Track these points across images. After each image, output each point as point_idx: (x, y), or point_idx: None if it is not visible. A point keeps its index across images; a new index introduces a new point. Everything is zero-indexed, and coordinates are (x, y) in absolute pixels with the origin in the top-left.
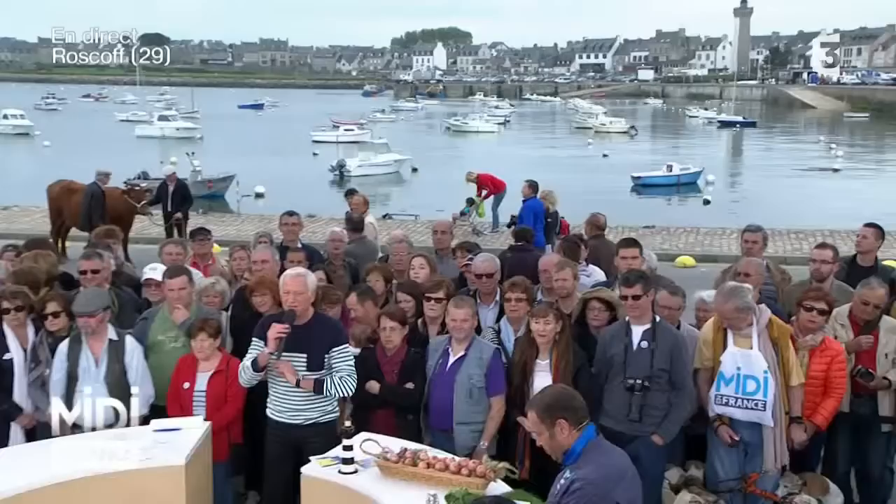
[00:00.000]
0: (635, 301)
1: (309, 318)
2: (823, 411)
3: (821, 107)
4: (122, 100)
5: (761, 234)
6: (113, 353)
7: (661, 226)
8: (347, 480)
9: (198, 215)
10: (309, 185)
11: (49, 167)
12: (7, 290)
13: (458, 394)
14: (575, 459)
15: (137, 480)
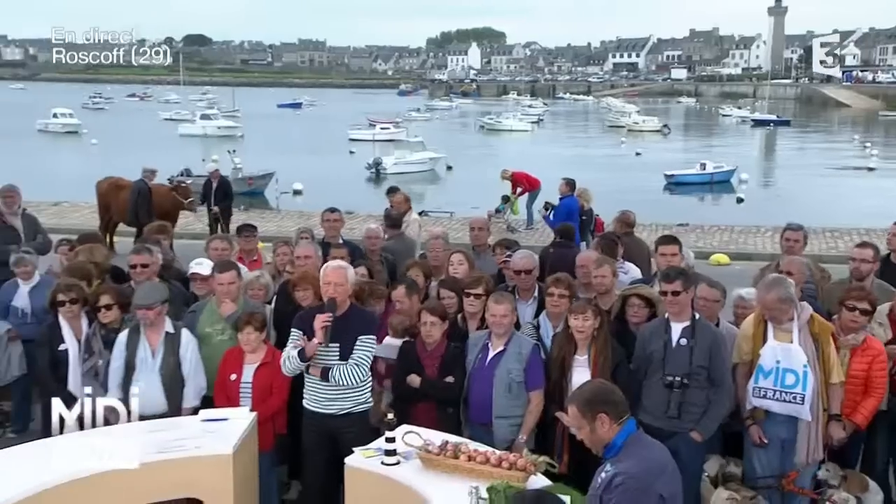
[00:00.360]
0: (675, 297)
1: (345, 309)
2: (864, 410)
3: (855, 105)
4: (165, 99)
5: (802, 232)
6: (169, 346)
7: (694, 224)
8: (390, 472)
9: (239, 212)
10: (346, 183)
11: (96, 164)
12: (62, 284)
13: (497, 388)
14: (616, 453)
15: (187, 468)
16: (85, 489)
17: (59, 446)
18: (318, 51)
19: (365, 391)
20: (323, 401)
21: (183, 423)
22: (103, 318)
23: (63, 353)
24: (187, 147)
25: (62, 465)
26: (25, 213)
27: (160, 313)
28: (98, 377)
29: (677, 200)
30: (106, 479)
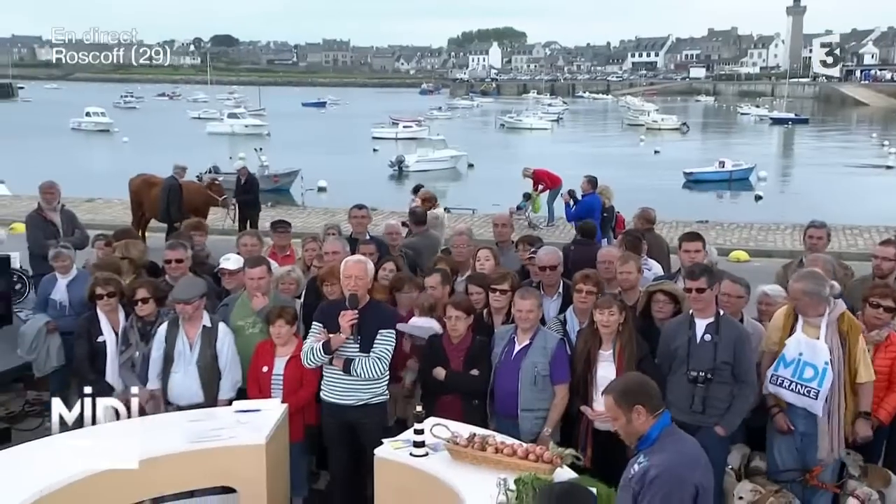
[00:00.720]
0: (699, 294)
1: (365, 303)
2: (887, 406)
3: (874, 104)
4: (193, 98)
5: (825, 230)
6: (206, 339)
7: (714, 221)
8: (419, 463)
9: (267, 208)
10: (369, 180)
11: (127, 162)
12: (100, 278)
13: (523, 381)
14: (650, 445)
15: (222, 458)
16: (128, 476)
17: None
18: (342, 51)
19: (382, 384)
20: (341, 392)
21: (218, 413)
22: (140, 311)
23: (101, 345)
24: (215, 145)
25: (107, 453)
26: (64, 209)
27: (198, 307)
28: (134, 368)
29: (696, 198)
30: (147, 466)
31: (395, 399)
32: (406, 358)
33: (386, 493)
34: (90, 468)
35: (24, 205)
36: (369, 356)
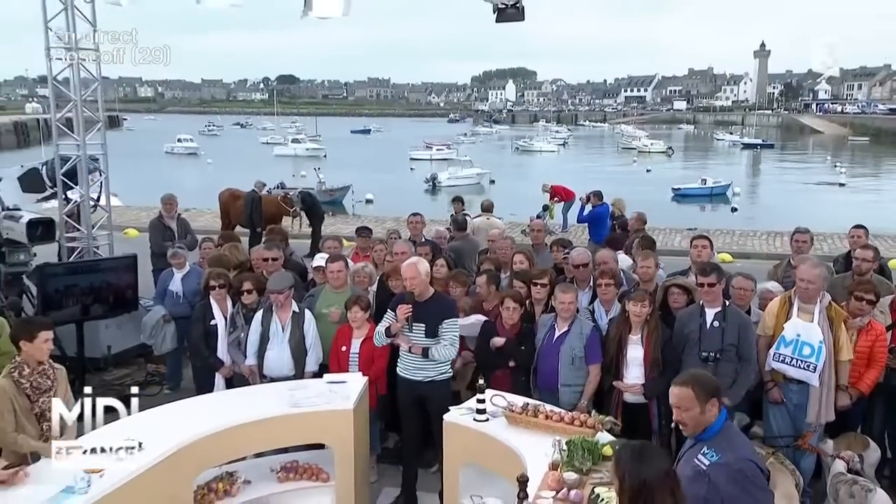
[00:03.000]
0: (710, 288)
1: (428, 296)
2: (867, 380)
3: (827, 132)
4: (262, 127)
5: (809, 235)
6: (295, 322)
7: (700, 228)
8: (480, 427)
9: (328, 217)
10: (408, 194)
11: (211, 179)
12: (213, 272)
13: (562, 361)
14: (712, 436)
15: (318, 420)
16: (245, 432)
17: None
18: (384, 87)
19: (447, 363)
20: (414, 370)
21: (311, 384)
22: (245, 299)
23: (213, 327)
24: (281, 165)
25: (225, 413)
26: (180, 217)
27: (288, 297)
28: (240, 346)
29: (683, 209)
30: (258, 426)
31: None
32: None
33: (454, 452)
34: (220, 424)
35: (133, 214)
36: (440, 342)
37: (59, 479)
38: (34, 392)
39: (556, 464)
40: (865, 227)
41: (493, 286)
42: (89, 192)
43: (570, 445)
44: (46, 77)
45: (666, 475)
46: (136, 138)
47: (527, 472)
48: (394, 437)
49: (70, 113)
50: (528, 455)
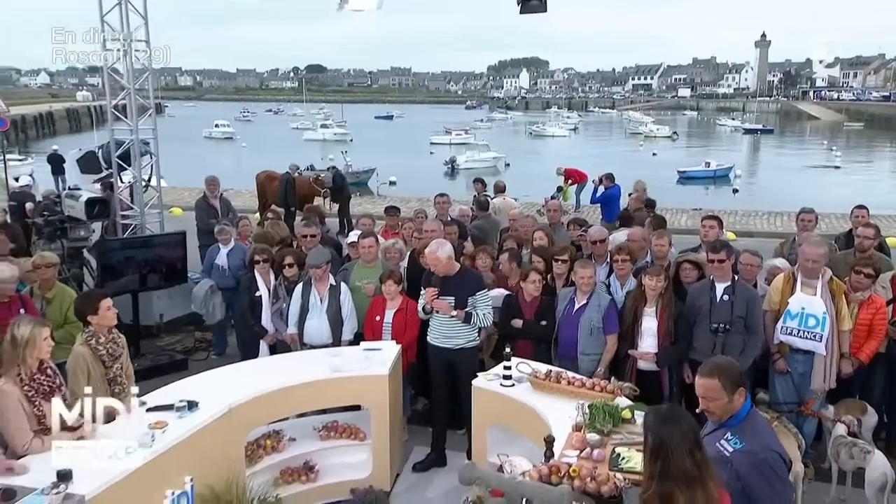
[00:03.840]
0: (720, 264)
1: (455, 272)
2: (867, 350)
3: (824, 118)
4: (293, 113)
5: (814, 214)
6: (332, 294)
7: (706, 209)
8: (507, 391)
9: (356, 197)
10: (428, 176)
11: (247, 162)
12: (258, 247)
13: (581, 332)
14: (737, 423)
15: (356, 384)
16: (290, 394)
17: (270, 365)
18: (405, 76)
19: (474, 331)
20: (443, 338)
21: (349, 351)
22: (287, 272)
23: (258, 298)
24: (310, 149)
25: (271, 377)
26: (222, 197)
27: (326, 271)
28: (282, 316)
29: (688, 190)
30: (301, 388)
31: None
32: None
33: (482, 414)
34: (266, 387)
35: (177, 194)
36: (479, 310)
37: (127, 434)
38: (109, 358)
39: (579, 426)
40: (867, 206)
41: (515, 263)
42: (141, 174)
43: (592, 409)
44: (96, 67)
45: (684, 437)
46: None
47: (551, 433)
48: (422, 401)
49: (123, 100)
50: (551, 417)
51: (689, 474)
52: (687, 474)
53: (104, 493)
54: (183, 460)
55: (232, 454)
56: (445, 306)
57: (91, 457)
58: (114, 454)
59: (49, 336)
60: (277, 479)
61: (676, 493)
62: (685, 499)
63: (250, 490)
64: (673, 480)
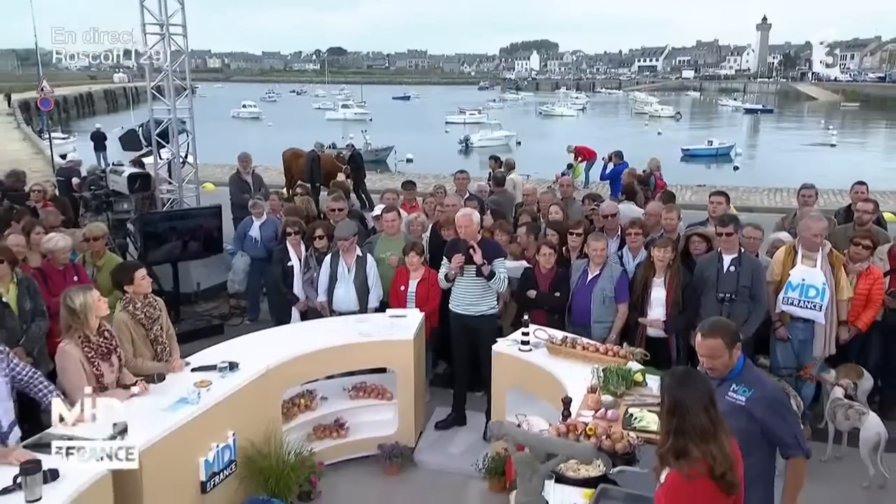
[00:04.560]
0: (728, 237)
1: (477, 241)
2: (865, 318)
3: (821, 98)
4: (315, 94)
5: (814, 190)
6: (359, 265)
7: (709, 185)
8: (525, 356)
9: (376, 174)
10: (443, 154)
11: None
12: (289, 220)
13: (594, 301)
14: (737, 374)
15: (383, 348)
16: (322, 357)
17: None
18: (421, 58)
19: (493, 300)
20: (465, 305)
21: (375, 318)
22: (317, 244)
23: (290, 268)
24: (332, 128)
25: (304, 341)
26: (254, 172)
27: (353, 242)
28: (312, 284)
29: (691, 167)
30: (332, 351)
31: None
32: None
33: (501, 377)
34: (300, 350)
35: (209, 170)
36: (500, 274)
37: (176, 392)
38: (148, 321)
39: (594, 388)
40: (866, 183)
41: (532, 236)
42: (179, 151)
43: (606, 372)
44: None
45: (699, 396)
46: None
47: (568, 394)
48: (443, 365)
49: (162, 82)
50: (567, 380)
51: (704, 429)
52: (702, 429)
53: (156, 445)
54: (226, 416)
55: (269, 411)
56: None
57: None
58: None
59: (100, 296)
60: (311, 434)
61: (691, 446)
62: (700, 452)
63: (286, 444)
64: (688, 436)
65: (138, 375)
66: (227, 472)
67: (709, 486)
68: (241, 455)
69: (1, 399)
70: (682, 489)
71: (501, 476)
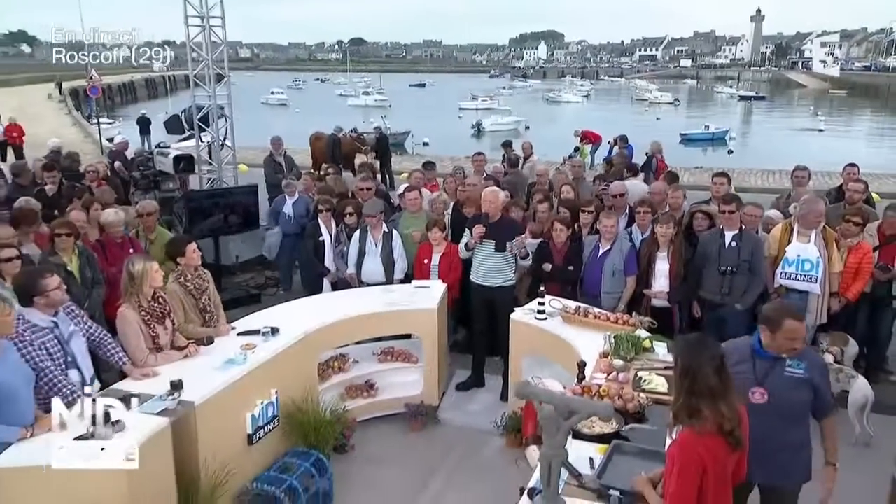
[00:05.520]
0: (731, 214)
1: (497, 218)
2: (854, 289)
3: (811, 86)
4: (338, 82)
5: (807, 171)
6: (385, 240)
7: (706, 167)
8: (541, 324)
9: (395, 157)
10: (457, 138)
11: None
12: (321, 198)
13: (605, 273)
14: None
15: (409, 316)
16: (354, 323)
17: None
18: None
19: (511, 272)
20: (484, 277)
21: (401, 288)
22: (347, 220)
23: (321, 243)
24: (354, 113)
25: (336, 310)
26: (286, 154)
27: (380, 219)
28: (343, 257)
29: (689, 151)
30: (362, 319)
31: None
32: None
33: (518, 343)
34: (330, 318)
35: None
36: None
37: (224, 354)
38: (197, 291)
39: (606, 353)
40: (857, 165)
41: (551, 211)
42: (218, 134)
43: (617, 339)
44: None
45: (711, 359)
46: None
47: (582, 359)
48: (462, 332)
49: (202, 70)
50: (580, 346)
51: (714, 390)
52: (713, 390)
53: (209, 401)
54: (268, 376)
55: (307, 372)
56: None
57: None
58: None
59: (159, 268)
60: (343, 394)
61: (702, 405)
62: (710, 411)
63: (322, 402)
64: (699, 395)
65: (189, 339)
66: (270, 426)
67: (718, 442)
68: (282, 411)
69: (82, 355)
70: (693, 444)
71: (517, 433)
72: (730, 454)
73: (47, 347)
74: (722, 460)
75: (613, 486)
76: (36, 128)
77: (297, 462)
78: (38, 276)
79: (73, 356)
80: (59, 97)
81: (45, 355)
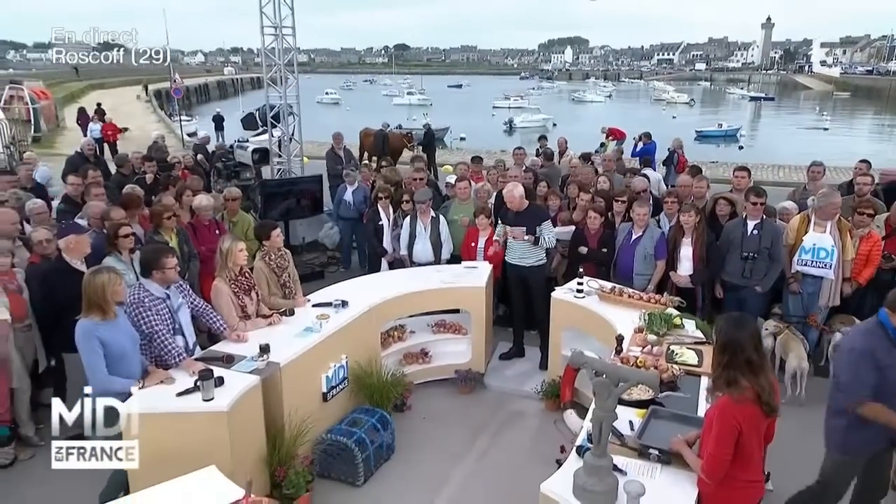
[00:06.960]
0: (760, 206)
1: (525, 207)
2: (865, 274)
3: (816, 88)
4: (384, 83)
5: (822, 167)
6: (434, 224)
7: (720, 161)
8: (579, 302)
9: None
10: (491, 133)
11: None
12: (381, 187)
13: (637, 258)
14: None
15: (460, 293)
16: (411, 298)
17: (392, 277)
18: (472, 52)
19: (542, 253)
20: (518, 257)
21: (451, 268)
22: (404, 207)
23: (380, 227)
24: (398, 111)
25: (396, 286)
26: (346, 148)
27: (429, 206)
28: (398, 240)
29: (704, 147)
30: (419, 295)
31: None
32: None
33: (559, 319)
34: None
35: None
36: (544, 234)
37: (302, 323)
38: (279, 269)
39: (640, 328)
40: (868, 161)
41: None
42: (288, 130)
43: (651, 316)
44: (237, 48)
45: (752, 336)
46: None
47: (620, 333)
48: (503, 308)
49: (275, 73)
50: (615, 321)
51: (753, 363)
52: (752, 363)
53: (291, 362)
54: (340, 343)
55: (371, 340)
56: (520, 233)
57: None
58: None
59: (244, 248)
60: (401, 360)
61: (741, 377)
62: (748, 382)
63: (384, 367)
64: (738, 368)
65: (273, 310)
66: (341, 386)
67: (754, 410)
68: (351, 374)
69: (187, 323)
70: (731, 410)
71: (556, 398)
72: (763, 420)
73: (160, 314)
74: (757, 426)
75: (652, 446)
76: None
77: (364, 418)
78: (162, 255)
79: (180, 325)
80: (146, 98)
81: (159, 320)
